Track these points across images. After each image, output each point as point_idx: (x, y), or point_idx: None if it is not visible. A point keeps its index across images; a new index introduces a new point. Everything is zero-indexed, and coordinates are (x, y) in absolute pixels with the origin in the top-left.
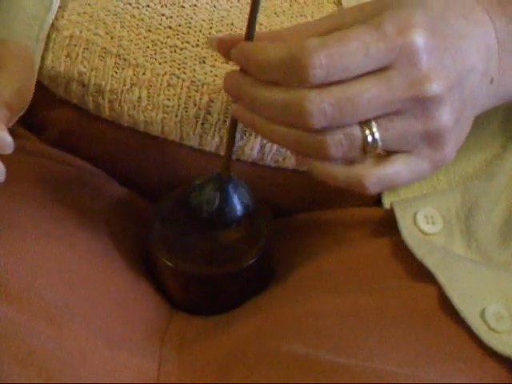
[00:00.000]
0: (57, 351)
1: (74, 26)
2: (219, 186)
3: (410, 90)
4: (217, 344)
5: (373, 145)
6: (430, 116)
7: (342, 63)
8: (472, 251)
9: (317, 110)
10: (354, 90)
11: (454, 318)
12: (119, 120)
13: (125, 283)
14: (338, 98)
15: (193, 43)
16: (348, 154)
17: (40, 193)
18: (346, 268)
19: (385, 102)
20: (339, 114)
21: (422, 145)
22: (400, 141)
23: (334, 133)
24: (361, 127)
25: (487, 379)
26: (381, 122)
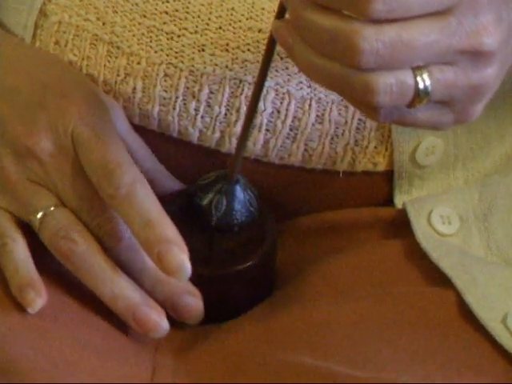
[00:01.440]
0: (41, 361)
1: (62, 11)
2: (226, 188)
3: (467, 41)
4: (216, 353)
5: (423, 94)
6: (479, 71)
7: (405, 1)
8: (492, 252)
9: (369, 48)
10: (412, 32)
11: (473, 325)
12: None
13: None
14: (393, 39)
15: (191, 30)
16: (395, 103)
17: None
18: (355, 273)
19: (440, 49)
20: (391, 55)
21: (461, 100)
22: (445, 92)
23: (384, 76)
24: (413, 73)
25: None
26: (432, 71)
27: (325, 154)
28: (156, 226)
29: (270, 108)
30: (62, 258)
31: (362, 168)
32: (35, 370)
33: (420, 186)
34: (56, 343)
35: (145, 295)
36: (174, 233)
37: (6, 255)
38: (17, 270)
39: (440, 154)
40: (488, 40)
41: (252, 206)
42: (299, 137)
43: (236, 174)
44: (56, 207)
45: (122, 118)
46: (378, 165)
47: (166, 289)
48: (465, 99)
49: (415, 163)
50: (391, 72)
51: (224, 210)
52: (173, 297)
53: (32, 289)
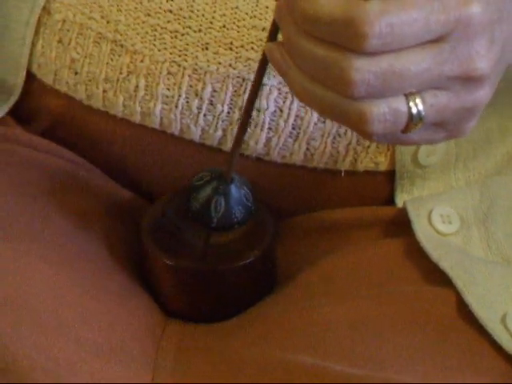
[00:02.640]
0: (42, 360)
1: (66, 9)
2: (223, 188)
3: (459, 67)
4: (216, 353)
5: (417, 119)
6: (471, 94)
7: (400, 33)
8: (492, 252)
9: (361, 78)
10: (403, 62)
11: (473, 325)
12: (113, 111)
13: (118, 289)
14: (384, 70)
15: (195, 28)
16: (389, 130)
17: (27, 187)
18: (355, 272)
19: (432, 76)
20: (383, 85)
21: (454, 121)
22: (438, 116)
23: (378, 105)
24: (406, 100)
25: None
26: (425, 96)
27: (327, 153)
28: None
29: (272, 107)
30: None
31: (363, 167)
32: (36, 369)
33: (421, 185)
34: (57, 343)
35: None
36: None
37: None
38: None
39: (441, 154)
40: (480, 65)
41: (249, 201)
42: (301, 136)
43: (232, 173)
44: None
45: None
46: (379, 164)
47: None
48: (457, 119)
49: (417, 163)
50: (384, 100)
51: (223, 211)
52: None
53: None
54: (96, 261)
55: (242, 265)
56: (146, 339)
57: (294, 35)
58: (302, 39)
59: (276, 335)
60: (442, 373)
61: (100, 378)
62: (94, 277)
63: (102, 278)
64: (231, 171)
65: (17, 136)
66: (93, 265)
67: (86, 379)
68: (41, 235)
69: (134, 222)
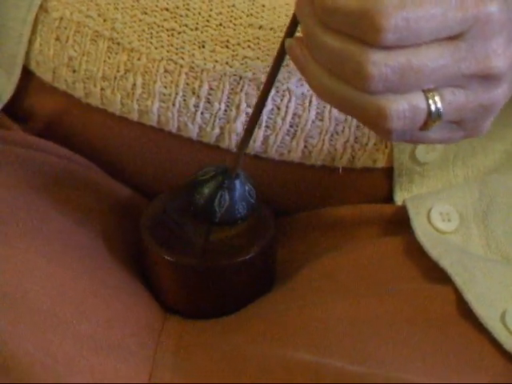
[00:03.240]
0: (40, 356)
1: (64, 8)
2: (227, 183)
3: (477, 66)
4: (215, 350)
5: (436, 116)
6: (489, 92)
7: (417, 28)
8: (491, 250)
9: (378, 73)
10: (420, 58)
11: (472, 322)
12: (111, 109)
13: (117, 285)
14: (402, 65)
15: (191, 26)
16: (407, 127)
17: (25, 185)
18: (355, 269)
19: (450, 73)
20: (400, 81)
21: (471, 119)
22: (456, 114)
23: (397, 102)
24: (425, 97)
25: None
26: (444, 94)
27: (324, 150)
28: None
29: (270, 105)
30: None
31: (361, 164)
32: (35, 364)
33: (420, 183)
34: (56, 339)
35: None
36: None
37: None
38: None
39: (440, 151)
40: (498, 64)
41: (252, 198)
42: (299, 134)
43: (237, 169)
44: None
45: None
46: (377, 161)
47: None
48: (475, 118)
49: (415, 160)
50: (403, 96)
51: (227, 206)
52: None
53: None
54: (95, 257)
55: (242, 261)
56: (145, 335)
57: (312, 27)
58: (320, 31)
59: (276, 332)
60: (441, 370)
61: (98, 374)
62: (93, 273)
63: (101, 274)
64: (237, 167)
65: (13, 136)
66: (92, 261)
67: (85, 375)
68: (39, 232)
69: (132, 218)
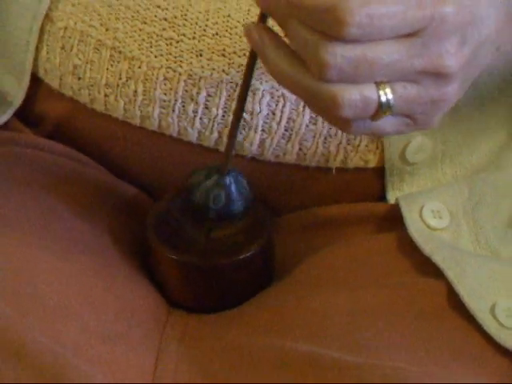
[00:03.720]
0: (50, 345)
1: (68, 18)
2: (221, 181)
3: (430, 63)
4: (218, 340)
5: (386, 107)
6: (440, 89)
7: (379, 25)
8: (481, 246)
9: (333, 62)
10: (376, 52)
11: (463, 314)
12: (115, 114)
13: (123, 279)
14: (357, 56)
15: (189, 36)
16: (360, 115)
17: (36, 185)
18: (350, 264)
19: (403, 68)
20: (355, 72)
21: (421, 112)
22: (406, 107)
23: (349, 91)
24: (377, 88)
25: (498, 377)
26: (395, 87)
27: (318, 152)
28: None
29: (265, 110)
30: None
31: (353, 165)
32: (46, 353)
33: (410, 181)
34: (65, 329)
35: None
36: None
37: None
38: None
39: (429, 152)
40: (449, 63)
41: (245, 192)
42: (294, 137)
43: (228, 167)
44: None
45: None
46: (369, 162)
47: None
48: (426, 112)
49: (405, 160)
50: (356, 87)
51: (223, 203)
52: None
53: None
54: (103, 253)
55: (242, 259)
56: (151, 326)
57: (279, 18)
58: (291, 20)
59: (275, 324)
60: (434, 360)
61: (106, 362)
62: (101, 268)
63: (108, 269)
64: (227, 164)
65: (24, 139)
66: (99, 256)
67: (93, 362)
68: (49, 230)
69: (138, 217)
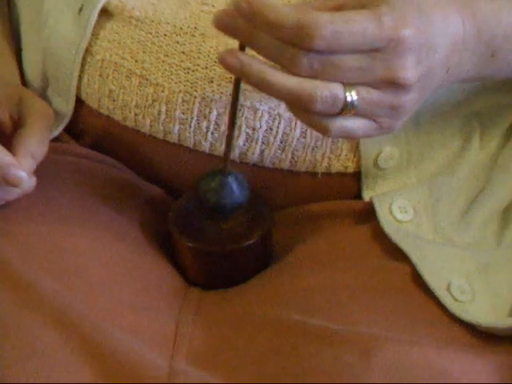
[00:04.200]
0: (89, 315)
1: (104, 51)
2: (224, 181)
3: (389, 74)
4: (227, 311)
5: (350, 106)
6: (398, 96)
7: (342, 41)
8: (438, 235)
9: (307, 62)
10: (341, 58)
11: (424, 291)
12: (143, 130)
13: (149, 262)
14: (325, 59)
15: (202, 66)
16: (329, 110)
17: (80, 186)
18: (333, 250)
19: (364, 75)
20: (323, 71)
21: (384, 115)
22: (370, 109)
23: (321, 89)
24: (344, 89)
25: (452, 340)
26: (360, 90)
27: (307, 160)
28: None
29: (264, 126)
30: None
31: (336, 170)
32: (85, 321)
33: (382, 183)
34: (103, 302)
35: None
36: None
37: None
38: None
39: (396, 160)
40: (404, 75)
41: (244, 188)
42: (287, 148)
43: (227, 169)
44: None
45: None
46: (348, 167)
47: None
48: (386, 116)
49: (377, 166)
50: (326, 85)
51: (228, 198)
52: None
53: (14, 167)
54: (133, 240)
55: (246, 245)
56: (172, 300)
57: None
58: (259, 32)
59: (273, 298)
60: (402, 327)
61: (136, 329)
62: (132, 252)
63: (137, 253)
64: (227, 167)
65: (71, 149)
66: (130, 243)
67: (125, 329)
68: (90, 221)
69: (161, 211)
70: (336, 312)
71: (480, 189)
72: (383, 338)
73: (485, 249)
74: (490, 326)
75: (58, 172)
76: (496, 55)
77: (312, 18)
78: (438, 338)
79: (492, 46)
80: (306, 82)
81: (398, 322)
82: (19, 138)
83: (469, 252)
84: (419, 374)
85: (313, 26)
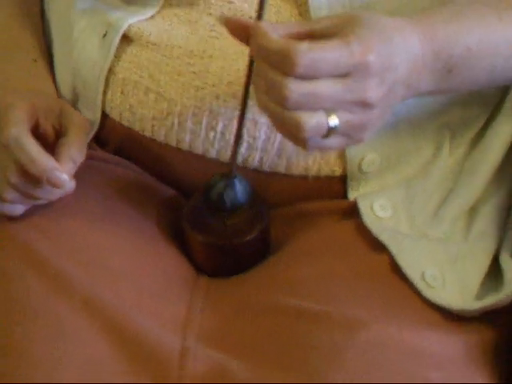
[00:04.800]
0: (111, 300)
1: (125, 71)
2: (230, 183)
3: (357, 96)
4: (231, 296)
5: (332, 129)
6: (366, 114)
7: (319, 67)
8: (413, 230)
9: (290, 96)
10: (321, 88)
11: (402, 278)
12: (159, 139)
13: (165, 253)
14: (307, 91)
15: (210, 84)
16: (316, 135)
17: (105, 187)
18: (322, 243)
19: (340, 100)
20: (307, 102)
21: (354, 131)
22: (346, 128)
23: (307, 119)
24: (326, 115)
25: (425, 321)
26: (339, 114)
27: (300, 165)
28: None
29: (263, 136)
30: None
31: (324, 174)
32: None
33: (364, 185)
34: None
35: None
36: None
37: (17, 149)
38: (32, 160)
39: (377, 165)
40: (371, 95)
41: (248, 189)
42: (283, 155)
43: (233, 172)
44: None
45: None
46: (335, 172)
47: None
48: (357, 131)
49: (361, 171)
50: (311, 115)
51: (233, 198)
52: (46, 172)
53: (57, 170)
54: (151, 235)
55: (248, 239)
56: (183, 287)
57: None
58: (260, 63)
59: (271, 284)
60: (381, 309)
61: (154, 313)
62: (149, 245)
63: (154, 246)
64: (233, 171)
65: (97, 155)
66: (148, 237)
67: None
68: (113, 218)
69: (175, 210)
70: (325, 297)
71: (449, 190)
72: (366, 319)
73: (454, 242)
74: (458, 308)
75: (85, 175)
76: (453, 72)
77: (294, 47)
78: (413, 320)
79: (449, 64)
80: (293, 114)
81: (378, 305)
82: (61, 145)
83: (440, 245)
84: (397, 350)
85: (293, 53)
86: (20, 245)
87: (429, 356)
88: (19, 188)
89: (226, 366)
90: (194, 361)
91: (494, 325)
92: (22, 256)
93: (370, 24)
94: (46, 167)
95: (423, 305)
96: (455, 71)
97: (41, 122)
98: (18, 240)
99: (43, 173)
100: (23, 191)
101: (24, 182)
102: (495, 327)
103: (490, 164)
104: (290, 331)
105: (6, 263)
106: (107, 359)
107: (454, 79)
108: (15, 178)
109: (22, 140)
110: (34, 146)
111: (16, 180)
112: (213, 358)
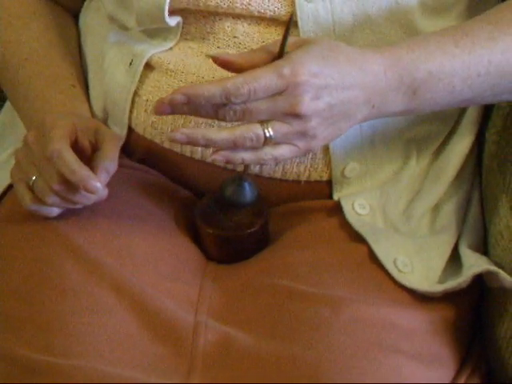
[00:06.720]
0: (136, 282)
1: (148, 94)
2: (241, 184)
3: (287, 109)
4: (236, 279)
5: (269, 138)
6: (302, 124)
7: (255, 94)
8: (387, 225)
9: (232, 113)
10: (254, 104)
11: (377, 265)
12: (176, 150)
13: (180, 244)
14: (243, 107)
15: None
16: (256, 145)
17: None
18: (312, 236)
19: (274, 112)
20: (243, 115)
21: (298, 140)
22: (285, 138)
23: (246, 131)
24: (261, 126)
25: (398, 301)
26: (273, 125)
27: (293, 172)
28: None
29: None
30: None
31: (314, 179)
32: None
33: (347, 188)
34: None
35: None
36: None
37: (59, 161)
38: (72, 170)
39: (357, 171)
40: (301, 108)
41: (255, 190)
42: (279, 163)
43: (245, 177)
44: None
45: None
46: (323, 177)
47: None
48: (300, 140)
49: (344, 176)
50: (249, 127)
51: (243, 197)
52: (83, 181)
53: (93, 179)
54: (169, 229)
55: (250, 232)
56: (197, 271)
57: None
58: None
59: (269, 269)
60: (361, 291)
61: (172, 294)
62: (168, 237)
63: (173, 239)
64: (245, 176)
65: (125, 163)
66: (167, 231)
67: (163, 294)
68: (138, 216)
69: (190, 208)
70: (314, 280)
71: (417, 192)
72: (348, 299)
73: (420, 235)
74: (424, 290)
75: (115, 180)
76: (417, 93)
77: (231, 84)
78: (387, 300)
79: (413, 86)
80: (234, 130)
81: (358, 287)
82: (97, 158)
83: (409, 237)
84: (374, 325)
85: (233, 89)
86: (61, 237)
87: (400, 329)
88: (60, 194)
89: (232, 336)
90: (205, 332)
91: (455, 304)
92: (62, 246)
93: (315, 49)
94: (83, 177)
95: (395, 287)
96: (419, 93)
97: (79, 139)
98: (59, 233)
99: (80, 181)
100: (64, 197)
101: (64, 189)
102: (456, 306)
103: (450, 172)
104: (284, 308)
105: (49, 252)
106: (133, 331)
107: (418, 99)
108: (57, 185)
109: (63, 154)
110: (73, 159)
111: (58, 187)
112: (221, 330)
